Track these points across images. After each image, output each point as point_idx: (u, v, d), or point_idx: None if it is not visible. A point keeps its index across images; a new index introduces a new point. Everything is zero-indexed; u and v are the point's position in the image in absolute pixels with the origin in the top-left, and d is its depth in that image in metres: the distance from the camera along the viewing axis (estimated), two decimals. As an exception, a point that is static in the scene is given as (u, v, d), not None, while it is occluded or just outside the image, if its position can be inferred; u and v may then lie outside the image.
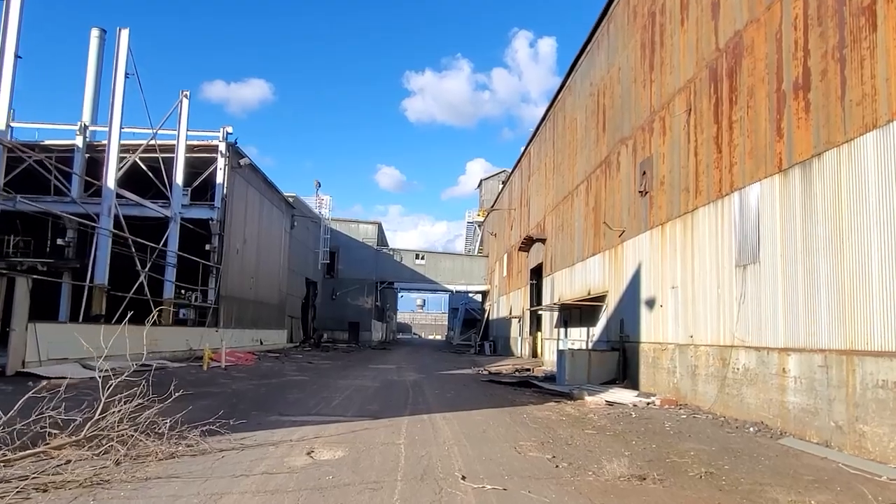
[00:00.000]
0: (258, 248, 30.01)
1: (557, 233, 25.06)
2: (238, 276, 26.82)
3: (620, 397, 12.98)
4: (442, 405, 11.42)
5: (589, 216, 20.25)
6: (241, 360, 21.78)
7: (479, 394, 13.91)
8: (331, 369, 20.92)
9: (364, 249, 51.52)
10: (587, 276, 20.21)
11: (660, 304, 13.95)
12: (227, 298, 25.47)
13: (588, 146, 20.75)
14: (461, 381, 17.34)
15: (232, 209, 25.45)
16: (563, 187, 24.15)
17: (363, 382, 15.80)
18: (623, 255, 16.63)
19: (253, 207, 28.84)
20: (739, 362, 10.35)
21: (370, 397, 12.42)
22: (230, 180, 25.00)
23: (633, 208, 16.01)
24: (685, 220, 12.76)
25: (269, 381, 15.19)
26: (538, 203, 29.72)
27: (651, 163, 14.84)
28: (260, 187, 29.94)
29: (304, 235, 41.78)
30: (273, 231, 33.12)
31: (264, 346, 30.77)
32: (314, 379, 16.41)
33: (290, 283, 37.84)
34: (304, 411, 10.01)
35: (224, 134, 24.46)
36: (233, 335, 25.88)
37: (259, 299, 30.36)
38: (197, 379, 14.89)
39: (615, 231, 17.17)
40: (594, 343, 19.04)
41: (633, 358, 15.41)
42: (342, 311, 50.42)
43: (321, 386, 14.44)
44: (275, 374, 17.51)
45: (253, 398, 11.60)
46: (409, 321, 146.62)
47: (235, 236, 26.27)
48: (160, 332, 19.10)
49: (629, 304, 16.02)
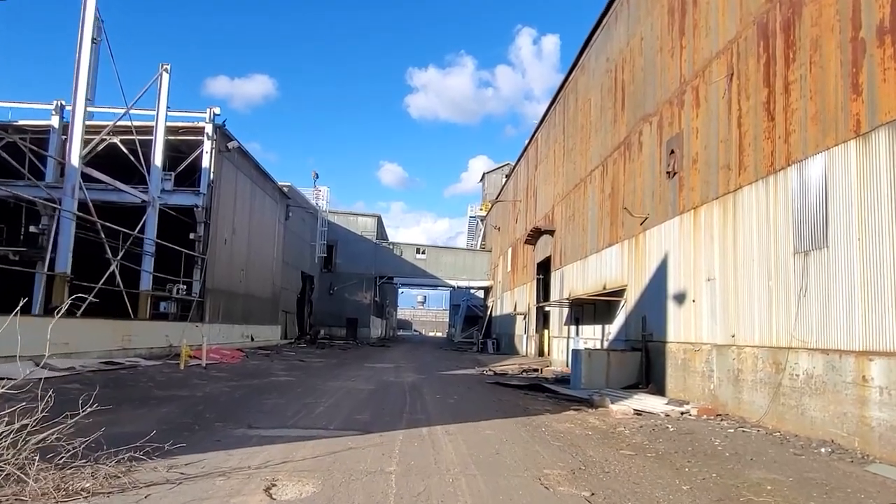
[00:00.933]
0: (249, 239, 28.35)
1: (568, 223, 23.38)
2: (226, 267, 25.17)
3: (649, 405, 11.33)
4: (444, 414, 9.78)
5: (604, 204, 18.57)
6: (226, 357, 20.15)
7: (486, 399, 12.26)
8: (323, 368, 19.29)
9: (363, 243, 49.81)
10: (602, 269, 18.55)
11: (691, 298, 12.28)
12: (214, 291, 23.82)
13: (604, 128, 19.05)
14: (465, 383, 15.70)
15: (219, 196, 23.78)
16: (575, 174, 22.46)
17: (356, 384, 14.16)
18: (645, 245, 14.95)
19: (243, 195, 27.16)
20: (799, 367, 8.68)
21: (361, 403, 10.77)
22: (217, 165, 23.33)
23: (658, 192, 14.33)
24: (725, 203, 11.08)
25: (249, 383, 13.55)
26: (546, 193, 28.02)
27: (680, 140, 13.16)
28: (251, 174, 28.25)
29: (300, 227, 40.10)
30: (266, 221, 31.45)
31: (256, 342, 29.14)
32: (302, 380, 14.77)
33: (285, 277, 36.19)
34: (280, 422, 8.36)
35: (211, 115, 22.78)
36: (220, 331, 24.26)
37: (250, 293, 28.71)
38: (168, 380, 13.25)
39: (636, 218, 15.49)
40: (610, 342, 17.38)
41: (658, 359, 13.75)
42: (340, 307, 48.74)
43: (307, 389, 12.80)
44: (259, 374, 15.87)
45: (224, 404, 9.95)
46: (410, 318, 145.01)
47: (223, 225, 24.61)
48: (135, 327, 17.48)
49: (653, 300, 14.36)
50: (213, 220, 23.28)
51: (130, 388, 11.62)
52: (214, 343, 23.33)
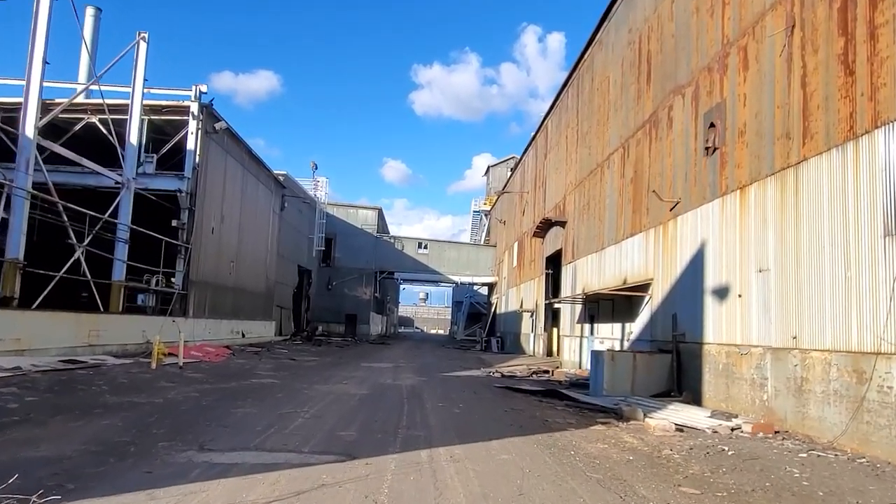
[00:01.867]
0: (240, 229, 26.63)
1: (581, 213, 21.63)
2: (213, 258, 23.47)
3: (689, 418, 9.60)
4: (448, 429, 8.07)
5: (625, 190, 16.82)
6: (210, 355, 18.47)
7: (497, 408, 10.54)
8: (315, 368, 17.60)
9: (363, 236, 48.00)
10: (622, 261, 16.81)
11: (736, 293, 10.54)
12: (199, 284, 22.12)
13: (625, 106, 17.29)
14: (470, 387, 14.00)
15: (205, 180, 22.06)
16: (591, 160, 20.70)
17: (348, 388, 12.47)
18: (677, 233, 13.21)
19: (233, 181, 25.44)
20: (893, 378, 6.94)
21: (350, 414, 9.08)
22: (204, 147, 21.60)
23: (692, 173, 12.58)
24: (783, 179, 9.33)
25: (225, 386, 11.85)
26: (557, 182, 26.26)
27: (722, 111, 11.41)
28: (242, 159, 26.51)
29: (296, 219, 38.37)
30: (259, 211, 29.73)
31: (247, 339, 27.48)
32: (286, 382, 13.08)
33: (280, 271, 34.50)
34: (242, 442, 6.66)
35: (196, 93, 21.06)
36: (206, 326, 22.60)
37: (240, 286, 27.01)
38: (130, 382, 11.55)
39: (665, 203, 13.74)
40: (632, 343, 15.65)
41: (693, 363, 12.02)
42: (339, 303, 47.00)
43: (290, 394, 11.11)
44: (240, 375, 14.19)
45: (182, 415, 8.25)
46: (412, 315, 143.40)
47: (210, 212, 22.90)
48: (105, 321, 15.79)
49: (686, 295, 12.62)
50: (199, 207, 21.57)
51: (80, 392, 9.94)
52: (199, 339, 21.68)
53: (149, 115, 21.45)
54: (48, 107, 21.40)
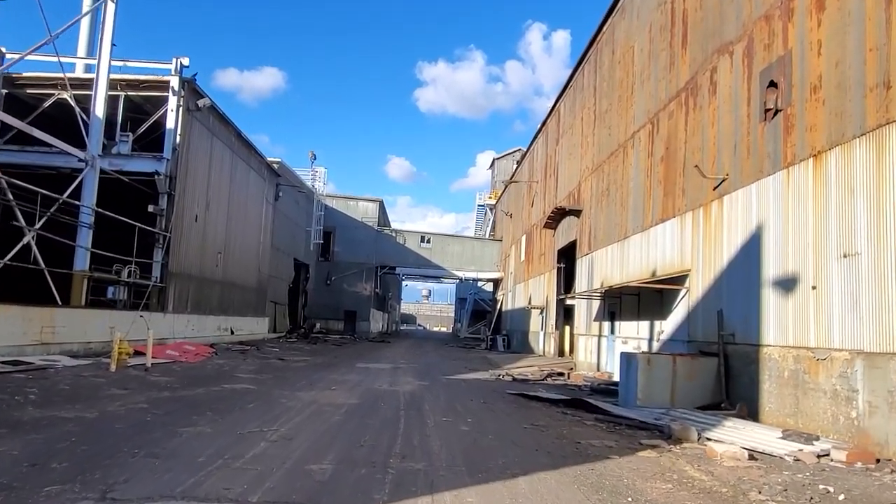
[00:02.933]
0: (228, 218, 24.72)
1: (600, 200, 19.68)
2: (197, 248, 21.57)
3: (757, 440, 7.67)
4: (456, 457, 6.17)
5: (654, 170, 14.87)
6: (187, 354, 16.60)
7: (514, 424, 8.63)
8: (303, 370, 15.73)
9: (363, 230, 46.01)
10: (651, 251, 14.86)
11: (809, 284, 8.59)
12: (180, 276, 20.23)
13: (654, 76, 15.33)
14: (479, 394, 12.09)
15: (187, 163, 20.15)
16: (611, 140, 18.74)
17: (335, 396, 10.58)
18: (723, 215, 11.26)
19: (220, 166, 23.51)
20: None
21: (330, 434, 7.18)
22: (185, 126, 19.69)
23: (745, 143, 10.62)
24: (878, 139, 7.37)
25: (187, 394, 9.96)
26: (571, 168, 24.30)
27: (787, 65, 9.45)
28: (230, 142, 24.58)
29: (293, 210, 36.45)
30: (250, 199, 27.81)
31: (236, 336, 25.62)
32: (265, 388, 11.19)
33: (275, 264, 32.61)
34: (168, 484, 4.75)
35: (177, 66, 19.12)
36: (188, 323, 20.72)
37: (229, 280, 25.11)
38: (73, 389, 9.66)
39: (708, 181, 11.79)
40: (663, 343, 13.71)
41: (747, 369, 10.08)
42: (338, 299, 45.07)
43: (264, 404, 9.22)
44: (214, 379, 12.31)
45: (107, 438, 6.36)
46: (415, 312, 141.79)
47: (194, 199, 20.99)
48: (62, 316, 13.91)
49: (735, 287, 10.68)
50: (180, 192, 19.67)
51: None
52: (180, 337, 19.83)
53: (125, 90, 19.59)
54: (14, 81, 19.61)
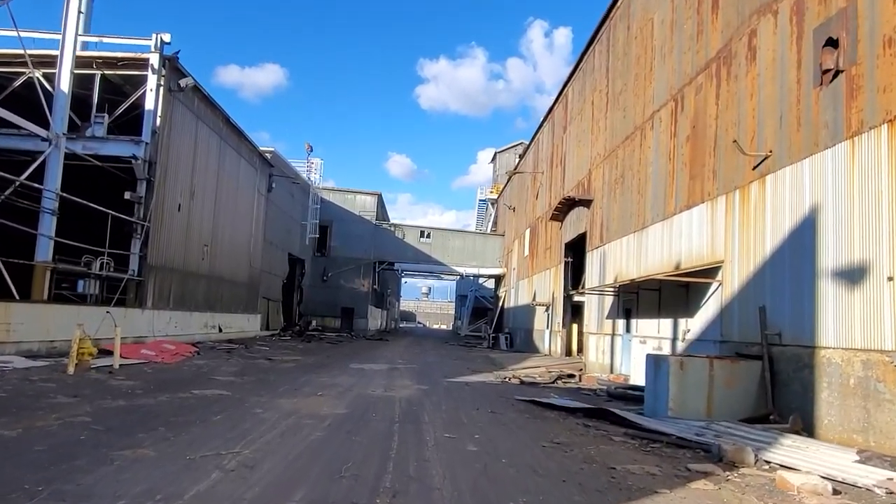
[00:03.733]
0: (216, 209, 23.27)
1: (613, 189, 18.24)
2: (181, 240, 20.13)
3: (830, 464, 6.26)
4: (463, 497, 4.77)
5: (678, 152, 13.44)
6: (165, 354, 15.20)
7: (531, 441, 7.21)
8: (291, 372, 14.32)
9: (361, 224, 44.54)
10: (674, 241, 13.43)
11: (884, 274, 7.17)
12: (161, 269, 18.79)
13: (678, 48, 13.88)
14: (485, 401, 10.68)
15: (169, 147, 18.71)
16: (626, 123, 17.30)
17: (320, 405, 9.17)
18: (766, 197, 9.82)
19: (207, 153, 22.06)
20: None
21: (304, 460, 5.76)
22: (167, 108, 18.24)
23: (794, 112, 9.18)
24: None
25: (145, 403, 8.54)
26: (580, 156, 22.85)
27: (849, 17, 8.01)
28: (218, 129, 23.12)
29: (287, 203, 34.99)
30: (241, 190, 26.35)
31: (225, 334, 24.21)
32: (241, 395, 9.78)
33: (267, 259, 31.18)
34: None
35: (157, 42, 17.66)
36: (170, 320, 19.30)
37: (217, 274, 23.67)
38: (10, 397, 8.23)
39: (747, 159, 10.35)
40: (690, 344, 12.30)
41: (798, 375, 8.66)
42: (334, 295, 43.64)
43: (233, 416, 7.80)
44: (185, 383, 10.89)
45: (7, 468, 4.93)
46: (414, 309, 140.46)
47: (176, 187, 19.54)
48: (20, 312, 12.48)
49: (782, 280, 9.25)
50: (160, 179, 18.22)
51: None
52: (161, 335, 18.42)
53: (101, 68, 18.13)
54: (-19, 58, 18.16)
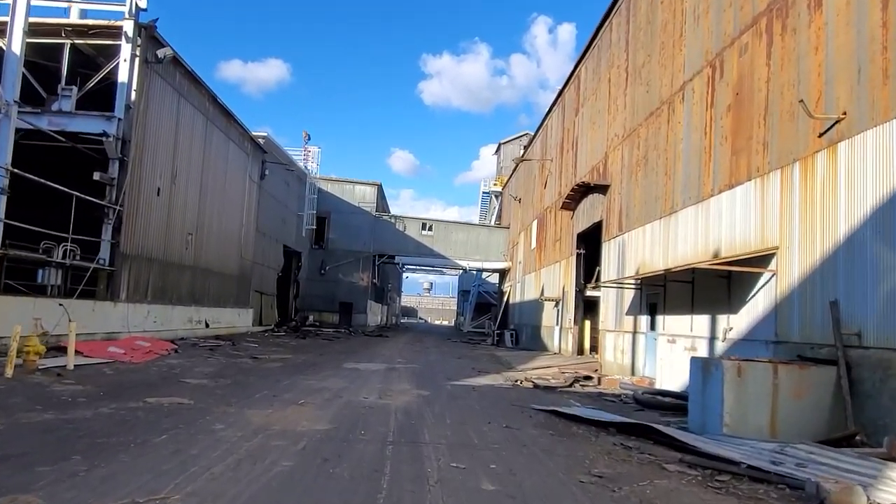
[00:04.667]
0: (202, 195, 21.61)
1: (634, 172, 16.57)
2: (161, 227, 18.49)
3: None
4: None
5: (716, 124, 11.76)
6: (136, 353, 13.58)
7: (561, 471, 5.57)
8: (275, 373, 12.71)
9: (360, 216, 42.83)
10: (711, 226, 11.76)
11: None
12: (138, 259, 17.15)
13: (716, 7, 12.17)
14: (498, 411, 9.06)
15: (146, 124, 17.05)
16: (650, 98, 15.61)
17: (297, 419, 7.54)
18: (836, 169, 8.15)
19: (191, 134, 20.36)
20: None
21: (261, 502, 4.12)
22: (143, 81, 16.59)
23: (878, 64, 7.51)
24: None
25: (84, 416, 6.92)
26: (595, 139, 21.16)
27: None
28: (204, 108, 21.44)
29: (282, 192, 33.31)
30: (231, 176, 24.68)
31: (212, 329, 22.60)
32: (205, 405, 8.16)
33: (260, 250, 29.53)
34: None
35: (132, 7, 16.02)
36: (148, 314, 17.67)
37: (202, 265, 22.02)
38: None
39: (812, 124, 8.67)
40: (733, 344, 10.64)
41: (886, 385, 7.01)
42: (333, 289, 42.01)
43: (182, 435, 6.18)
44: (146, 389, 9.27)
45: None
46: (416, 305, 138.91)
47: (155, 168, 17.87)
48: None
49: (861, 268, 7.60)
50: (136, 159, 16.57)
51: None
52: (137, 330, 16.81)
53: (71, 37, 16.47)
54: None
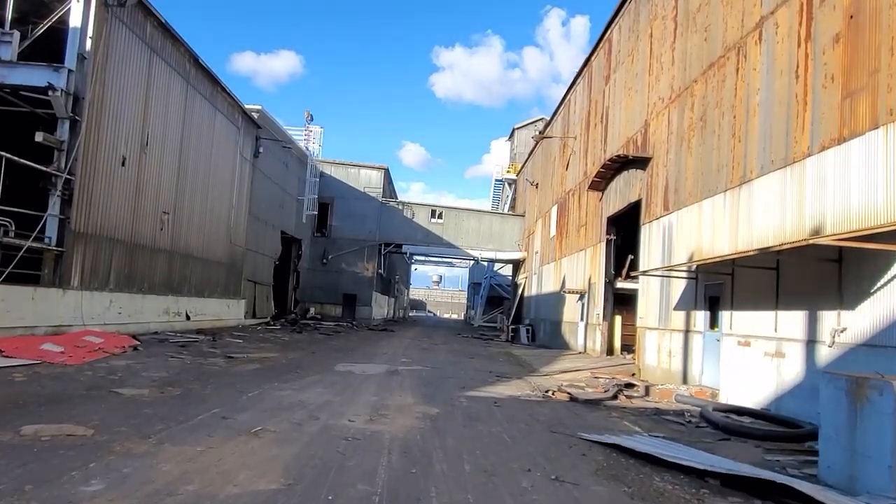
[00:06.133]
0: (181, 169, 19.03)
1: (685, 137, 13.77)
2: (126, 203, 15.96)
3: None
4: None
5: (815, 62, 8.96)
6: (79, 352, 11.05)
7: None
8: (244, 379, 10.12)
9: (366, 202, 40.17)
10: (809, 193, 8.97)
11: None
12: (96, 239, 14.64)
13: None
14: (535, 444, 6.40)
15: (107, 81, 14.49)
16: (710, 46, 12.78)
17: (234, 468, 4.93)
18: None
19: (167, 96, 17.76)
20: None
21: None
22: (102, 28, 14.03)
23: None
24: None
25: None
26: (631, 107, 18.33)
27: None
28: (183, 69, 18.83)
29: (279, 173, 30.71)
30: (218, 151, 22.09)
31: (195, 322, 20.09)
32: (111, 436, 5.58)
33: (254, 236, 26.99)
34: None
35: (85, -62, 13.50)
36: (111, 304, 15.16)
37: (182, 250, 19.48)
38: None
39: None
40: (845, 351, 7.88)
41: None
42: (336, 280, 39.45)
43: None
44: (43, 408, 6.71)
45: None
46: (424, 298, 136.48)
47: (118, 133, 15.31)
48: None
49: None
50: (93, 119, 14.01)
51: None
52: (97, 323, 14.32)
53: (15, -25, 13.86)
54: None
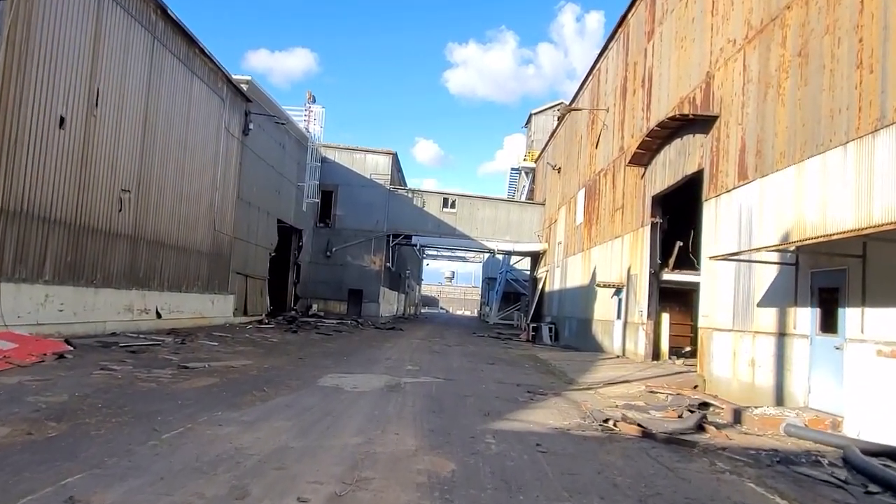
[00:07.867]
0: (146, 139, 16.08)
1: (774, 82, 10.58)
2: (69, 176, 13.09)
3: None
4: None
5: None
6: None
7: None
8: (183, 403, 7.18)
9: (373, 189, 37.09)
10: None
11: None
12: (23, 217, 11.79)
13: None
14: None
15: (33, 20, 11.66)
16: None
17: None
18: None
19: (123, 49, 14.83)
20: None
21: None
22: (25, -50, 11.21)
23: None
24: None
25: None
26: (685, 61, 15.13)
27: None
28: (148, 21, 15.91)
29: (275, 155, 27.77)
30: (196, 123, 19.17)
31: (167, 320, 17.24)
32: None
33: (244, 224, 24.10)
34: None
35: None
36: (49, 298, 12.30)
37: (150, 236, 16.61)
38: None
39: None
40: None
41: None
42: (340, 274, 36.52)
43: None
44: None
45: None
46: (437, 294, 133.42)
47: (53, 87, 12.43)
48: None
49: None
50: (14, 65, 11.16)
51: None
52: (28, 323, 11.48)
53: None
54: None
